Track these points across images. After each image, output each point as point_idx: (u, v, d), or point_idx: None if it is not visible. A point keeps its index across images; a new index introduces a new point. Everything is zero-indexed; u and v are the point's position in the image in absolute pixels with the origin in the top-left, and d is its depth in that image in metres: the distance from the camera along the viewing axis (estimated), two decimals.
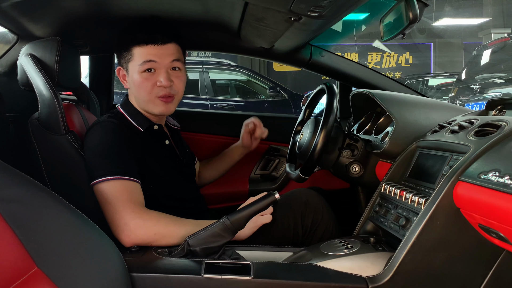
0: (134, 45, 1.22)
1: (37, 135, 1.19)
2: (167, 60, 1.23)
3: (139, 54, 1.22)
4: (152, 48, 1.22)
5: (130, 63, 1.24)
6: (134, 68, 1.23)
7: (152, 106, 1.26)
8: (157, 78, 1.23)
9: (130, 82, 1.26)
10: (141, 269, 0.95)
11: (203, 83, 6.30)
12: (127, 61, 1.25)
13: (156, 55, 1.22)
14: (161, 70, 1.23)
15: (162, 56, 1.23)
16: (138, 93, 1.25)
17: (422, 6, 1.00)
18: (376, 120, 1.52)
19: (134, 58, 1.23)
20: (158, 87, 1.23)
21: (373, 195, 1.26)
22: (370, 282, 0.94)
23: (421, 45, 10.15)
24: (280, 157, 1.99)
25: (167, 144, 1.34)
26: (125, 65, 1.27)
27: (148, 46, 1.21)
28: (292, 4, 1.03)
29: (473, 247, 0.95)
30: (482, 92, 5.09)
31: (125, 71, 1.27)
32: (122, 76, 1.30)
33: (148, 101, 1.25)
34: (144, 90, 1.24)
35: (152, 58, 1.22)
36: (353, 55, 9.75)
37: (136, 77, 1.23)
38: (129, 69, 1.25)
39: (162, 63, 1.23)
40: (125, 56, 1.25)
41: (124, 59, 1.26)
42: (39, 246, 0.77)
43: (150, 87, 1.23)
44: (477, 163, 0.91)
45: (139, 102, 1.28)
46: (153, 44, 1.22)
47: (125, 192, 1.10)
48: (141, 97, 1.25)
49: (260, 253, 1.15)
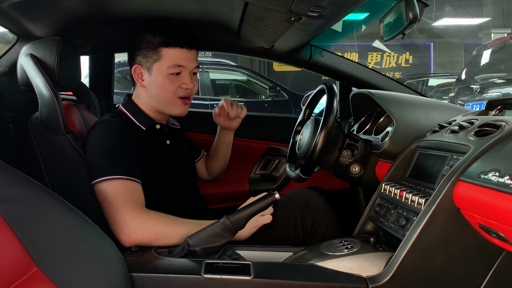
0: (163, 46, 1.23)
1: (37, 135, 1.19)
2: (192, 65, 1.27)
3: (170, 56, 1.23)
4: (182, 52, 1.24)
5: (157, 63, 1.24)
6: (161, 69, 1.23)
7: (173, 107, 1.28)
8: (182, 81, 1.25)
9: (151, 82, 1.25)
10: (141, 269, 0.95)
11: (203, 83, 6.29)
12: (153, 60, 1.24)
13: (185, 60, 1.25)
14: (186, 74, 1.26)
15: (190, 61, 1.26)
16: (160, 93, 1.26)
17: (422, 6, 1.00)
18: (376, 120, 1.52)
19: (163, 60, 1.23)
20: (182, 88, 1.26)
21: (373, 195, 1.26)
22: (370, 282, 0.94)
23: (421, 45, 10.15)
24: (280, 157, 1.99)
25: (168, 144, 1.34)
26: (146, 64, 1.25)
27: (179, 50, 1.24)
28: (292, 4, 1.03)
29: (473, 247, 0.95)
30: (482, 92, 5.09)
31: (146, 70, 1.26)
32: (138, 74, 1.27)
33: (170, 101, 1.27)
34: (168, 91, 1.25)
35: (182, 63, 1.24)
36: (353, 55, 9.74)
37: (161, 79, 1.24)
38: (154, 69, 1.24)
39: (188, 68, 1.26)
40: (150, 56, 1.24)
41: (146, 57, 1.24)
42: (39, 246, 0.77)
43: (174, 88, 1.25)
44: (477, 163, 0.91)
45: (156, 102, 1.28)
46: (184, 48, 1.24)
47: (126, 192, 1.10)
48: (163, 97, 1.26)
49: (260, 253, 1.15)
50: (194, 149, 1.60)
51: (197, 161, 1.59)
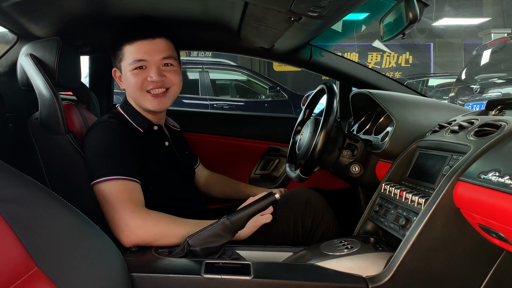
0: (124, 43, 1.23)
1: (37, 135, 1.19)
2: (158, 57, 1.24)
3: (130, 52, 1.23)
4: (141, 45, 1.22)
5: (122, 62, 1.25)
6: (126, 68, 1.25)
7: (144, 101, 1.26)
8: (148, 74, 1.23)
9: (125, 82, 1.28)
10: (141, 269, 0.95)
11: (203, 83, 6.29)
12: (119, 60, 1.26)
13: (146, 53, 1.22)
14: (152, 67, 1.23)
15: (152, 53, 1.23)
16: (130, 90, 1.26)
17: (422, 6, 1.00)
18: (376, 120, 1.52)
19: (125, 57, 1.24)
20: (149, 81, 1.24)
21: (373, 195, 1.26)
22: (370, 282, 0.94)
23: (421, 45, 10.15)
24: (280, 157, 1.99)
25: (167, 146, 1.34)
26: (118, 65, 1.28)
27: (137, 43, 1.22)
28: (292, 4, 1.03)
29: (473, 247, 0.95)
30: (482, 92, 5.09)
31: (120, 71, 1.29)
32: (118, 78, 1.31)
33: (139, 97, 1.25)
34: (134, 85, 1.24)
35: (142, 57, 1.22)
36: (353, 55, 9.74)
37: (129, 75, 1.24)
38: (122, 69, 1.27)
39: (152, 61, 1.23)
40: (118, 56, 1.26)
41: (117, 59, 1.27)
42: (39, 246, 0.77)
43: (140, 82, 1.24)
44: (477, 163, 0.91)
45: (134, 100, 1.29)
46: (141, 39, 1.22)
47: (125, 192, 1.10)
48: (133, 94, 1.26)
49: (260, 253, 1.15)
50: (192, 155, 1.59)
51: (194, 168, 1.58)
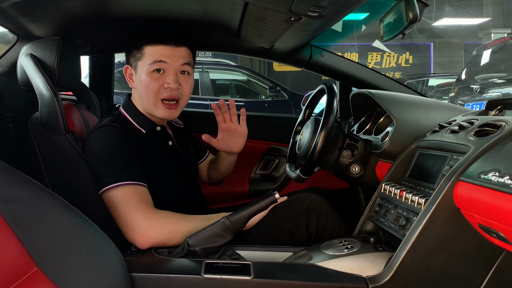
0: (146, 44, 1.20)
1: (37, 135, 1.19)
2: (178, 62, 1.22)
3: (150, 53, 1.20)
4: (164, 49, 1.20)
5: (140, 61, 1.22)
6: (143, 68, 1.21)
7: (155, 109, 1.24)
8: (166, 80, 1.21)
9: (137, 82, 1.24)
10: (141, 269, 0.95)
11: (203, 83, 6.29)
12: (136, 59, 1.23)
13: (167, 56, 1.20)
14: (171, 72, 1.21)
15: (173, 58, 1.21)
16: (143, 93, 1.23)
17: (422, 6, 1.00)
18: (376, 120, 1.52)
19: (145, 57, 1.21)
20: (165, 88, 1.21)
21: (373, 195, 1.26)
22: (370, 282, 0.94)
23: (421, 45, 10.15)
24: (280, 157, 1.99)
25: (170, 145, 1.33)
26: (133, 64, 1.24)
27: (160, 46, 1.20)
28: (292, 4, 1.03)
29: (473, 247, 0.95)
30: (482, 92, 5.09)
31: (133, 70, 1.25)
32: (129, 75, 1.27)
33: (152, 103, 1.23)
34: (150, 90, 1.21)
35: (163, 59, 1.20)
36: (353, 55, 9.74)
37: (144, 77, 1.21)
38: (138, 68, 1.23)
39: (172, 65, 1.21)
40: (135, 54, 1.23)
41: (133, 57, 1.24)
42: (39, 246, 0.77)
43: (157, 88, 1.21)
44: (477, 163, 0.91)
45: (143, 103, 1.26)
46: (165, 44, 1.20)
47: (135, 196, 1.09)
48: (146, 97, 1.23)
49: (260, 253, 1.15)
50: (200, 149, 1.58)
51: (200, 162, 1.58)
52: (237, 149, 1.40)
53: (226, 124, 1.37)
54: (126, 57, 1.29)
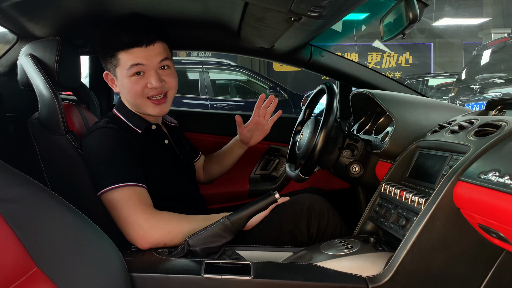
0: (118, 50, 1.17)
1: (37, 135, 1.19)
2: (155, 60, 1.19)
3: (126, 59, 1.17)
4: (138, 51, 1.17)
5: (117, 68, 1.20)
6: (122, 73, 1.19)
7: (145, 108, 1.24)
8: (148, 80, 1.20)
9: (120, 87, 1.24)
10: (141, 269, 0.95)
11: (203, 83, 6.29)
12: (113, 66, 1.21)
13: (143, 58, 1.17)
14: (151, 72, 1.19)
15: (150, 58, 1.18)
16: (129, 97, 1.23)
17: (422, 6, 1.00)
18: (376, 120, 1.52)
19: (121, 63, 1.19)
20: (149, 88, 1.21)
21: (373, 195, 1.26)
22: (370, 282, 0.94)
23: (421, 45, 10.15)
24: (280, 157, 1.99)
25: (167, 144, 1.33)
26: (112, 70, 1.23)
27: (134, 50, 1.16)
28: (292, 4, 1.03)
29: (473, 247, 0.95)
30: (482, 92, 5.10)
31: (114, 76, 1.24)
32: (110, 81, 1.26)
33: (140, 103, 1.23)
34: (134, 93, 1.21)
35: (140, 62, 1.17)
36: (353, 55, 9.74)
37: (126, 82, 1.20)
38: (117, 74, 1.21)
39: (150, 65, 1.19)
40: (111, 61, 1.20)
41: (110, 64, 1.21)
42: (39, 246, 0.77)
43: (140, 90, 1.20)
44: (477, 163, 0.91)
45: (132, 105, 1.26)
46: (138, 46, 1.16)
47: (134, 197, 1.09)
48: (132, 100, 1.23)
49: (260, 253, 1.15)
50: (192, 150, 1.59)
51: (195, 161, 1.58)
52: (255, 142, 1.55)
53: (259, 118, 1.54)
54: (102, 63, 1.25)
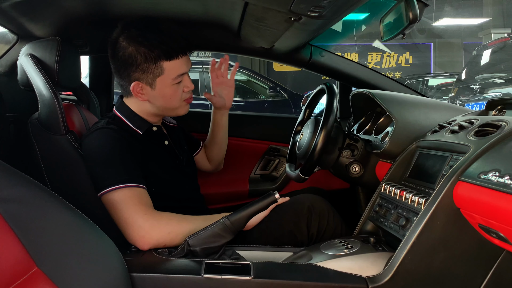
0: (166, 60, 1.17)
1: (37, 135, 1.19)
2: (189, 66, 1.24)
3: (172, 68, 1.18)
4: (183, 60, 1.20)
5: (160, 77, 1.18)
6: (165, 82, 1.19)
7: (179, 110, 1.27)
8: (185, 84, 1.24)
9: (156, 96, 1.21)
10: (141, 269, 0.95)
11: (203, 83, 6.29)
12: (154, 76, 1.17)
13: (186, 66, 1.22)
14: (186, 76, 1.24)
15: (189, 64, 1.24)
16: (167, 104, 1.24)
17: (422, 6, 1.00)
18: (376, 120, 1.52)
19: (166, 73, 1.18)
20: (186, 92, 1.25)
21: (373, 195, 1.26)
22: (370, 282, 0.94)
23: (421, 45, 10.15)
24: (280, 157, 1.99)
25: (167, 145, 1.33)
26: (148, 80, 1.18)
27: (181, 59, 1.19)
28: (292, 4, 1.04)
29: (473, 247, 0.95)
30: (482, 92, 5.10)
31: (148, 86, 1.19)
32: (139, 91, 1.20)
33: (176, 107, 1.26)
34: (176, 99, 1.24)
35: (185, 70, 1.22)
36: (353, 55, 9.74)
37: (168, 90, 1.21)
38: (157, 83, 1.19)
39: (187, 71, 1.24)
40: (151, 71, 1.17)
41: (149, 73, 1.17)
42: (39, 246, 0.77)
43: (180, 94, 1.24)
44: (477, 163, 0.91)
45: (163, 111, 1.27)
46: (183, 55, 1.20)
47: (134, 198, 1.09)
48: (170, 106, 1.25)
49: (260, 253, 1.15)
50: (193, 142, 1.59)
51: (197, 153, 1.58)
52: (230, 101, 1.55)
53: (218, 79, 1.54)
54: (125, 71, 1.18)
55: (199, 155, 1.59)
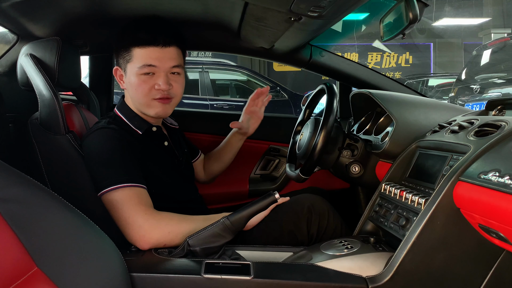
0: (134, 46, 1.19)
1: (37, 135, 1.19)
2: (168, 65, 1.21)
3: (139, 56, 1.19)
4: (153, 51, 1.19)
5: (129, 64, 1.21)
6: (133, 70, 1.20)
7: (148, 108, 1.24)
8: (156, 81, 1.21)
9: (128, 84, 1.24)
10: (141, 269, 0.95)
11: (203, 83, 6.29)
12: (125, 61, 1.22)
13: (156, 59, 1.19)
14: (161, 74, 1.21)
15: (163, 60, 1.20)
16: (134, 94, 1.23)
17: (422, 6, 1.00)
18: (376, 120, 1.52)
19: (134, 60, 1.20)
20: (156, 90, 1.21)
21: (373, 195, 1.26)
22: (370, 282, 0.94)
23: (421, 45, 10.16)
24: (280, 157, 1.99)
25: (166, 146, 1.33)
26: (123, 65, 1.24)
27: (149, 48, 1.18)
28: (292, 4, 1.04)
29: (473, 247, 0.95)
30: (482, 92, 5.10)
31: (123, 72, 1.25)
32: (119, 76, 1.27)
33: (144, 103, 1.23)
34: (141, 92, 1.21)
35: (152, 63, 1.19)
36: (353, 55, 9.74)
37: (134, 79, 1.21)
38: (127, 70, 1.22)
39: (162, 68, 1.20)
40: (124, 56, 1.22)
41: (122, 59, 1.23)
42: (39, 246, 0.77)
43: (147, 89, 1.21)
44: (477, 163, 0.91)
45: (135, 103, 1.26)
46: (154, 46, 1.18)
47: (134, 197, 1.09)
48: (137, 99, 1.24)
49: (260, 253, 1.15)
50: (192, 149, 1.59)
51: (194, 161, 1.58)
52: (253, 130, 1.58)
53: (253, 108, 1.56)
54: (115, 58, 1.27)
55: (195, 163, 1.59)
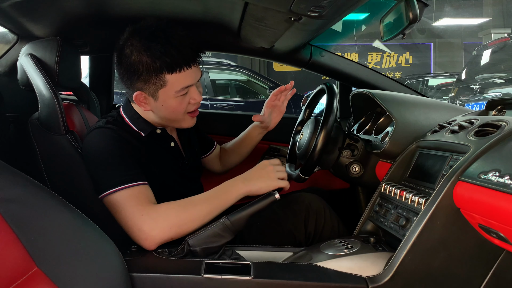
0: (168, 73, 1.10)
1: (37, 135, 1.19)
2: (198, 77, 1.18)
3: (176, 81, 1.11)
4: (188, 73, 1.13)
5: (162, 89, 1.12)
6: (169, 94, 1.13)
7: (181, 122, 1.22)
8: (191, 96, 1.17)
9: (159, 107, 1.17)
10: (141, 269, 0.95)
11: (203, 83, 6.24)
12: (157, 87, 1.12)
13: (192, 78, 1.14)
14: (193, 88, 1.17)
15: (196, 76, 1.16)
16: (169, 115, 1.19)
17: (422, 6, 1.00)
18: (376, 120, 1.52)
19: (169, 86, 1.12)
20: (192, 104, 1.19)
21: (373, 195, 1.26)
22: (370, 282, 0.94)
23: (421, 45, 10.15)
24: (280, 157, 1.99)
25: (173, 147, 1.30)
26: (151, 91, 1.13)
27: (186, 72, 1.12)
28: (292, 4, 1.04)
29: (473, 247, 0.95)
30: (482, 92, 5.10)
31: (150, 97, 1.15)
32: (142, 100, 1.16)
33: (178, 119, 1.21)
34: (179, 111, 1.18)
35: (190, 83, 1.14)
36: (353, 55, 9.74)
37: (171, 102, 1.15)
38: (159, 95, 1.14)
39: (195, 83, 1.17)
40: (154, 82, 1.11)
41: (151, 84, 1.12)
42: (39, 246, 0.77)
43: (185, 107, 1.18)
44: (477, 163, 0.91)
45: (163, 120, 1.21)
46: (188, 68, 1.12)
47: (132, 199, 1.08)
48: (171, 117, 1.19)
49: (260, 253, 1.15)
50: (206, 142, 1.57)
51: (208, 154, 1.57)
52: (275, 124, 1.57)
53: (275, 102, 1.54)
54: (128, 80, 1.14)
55: (211, 156, 1.57)
